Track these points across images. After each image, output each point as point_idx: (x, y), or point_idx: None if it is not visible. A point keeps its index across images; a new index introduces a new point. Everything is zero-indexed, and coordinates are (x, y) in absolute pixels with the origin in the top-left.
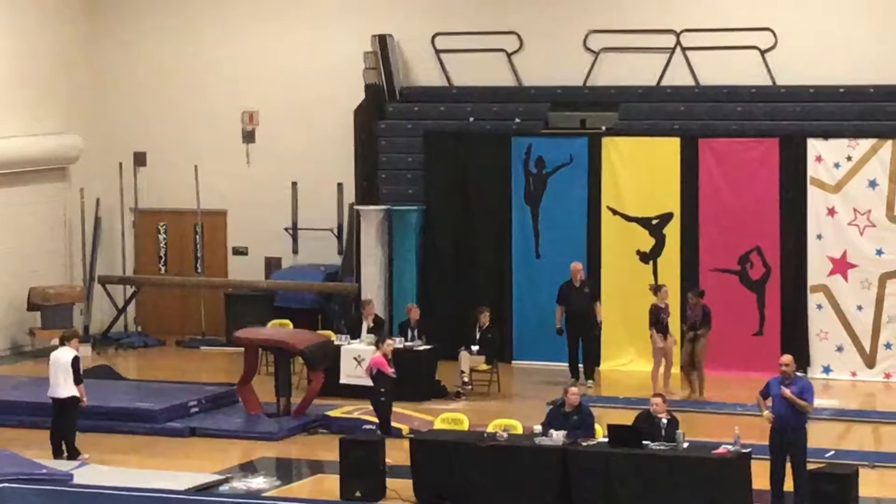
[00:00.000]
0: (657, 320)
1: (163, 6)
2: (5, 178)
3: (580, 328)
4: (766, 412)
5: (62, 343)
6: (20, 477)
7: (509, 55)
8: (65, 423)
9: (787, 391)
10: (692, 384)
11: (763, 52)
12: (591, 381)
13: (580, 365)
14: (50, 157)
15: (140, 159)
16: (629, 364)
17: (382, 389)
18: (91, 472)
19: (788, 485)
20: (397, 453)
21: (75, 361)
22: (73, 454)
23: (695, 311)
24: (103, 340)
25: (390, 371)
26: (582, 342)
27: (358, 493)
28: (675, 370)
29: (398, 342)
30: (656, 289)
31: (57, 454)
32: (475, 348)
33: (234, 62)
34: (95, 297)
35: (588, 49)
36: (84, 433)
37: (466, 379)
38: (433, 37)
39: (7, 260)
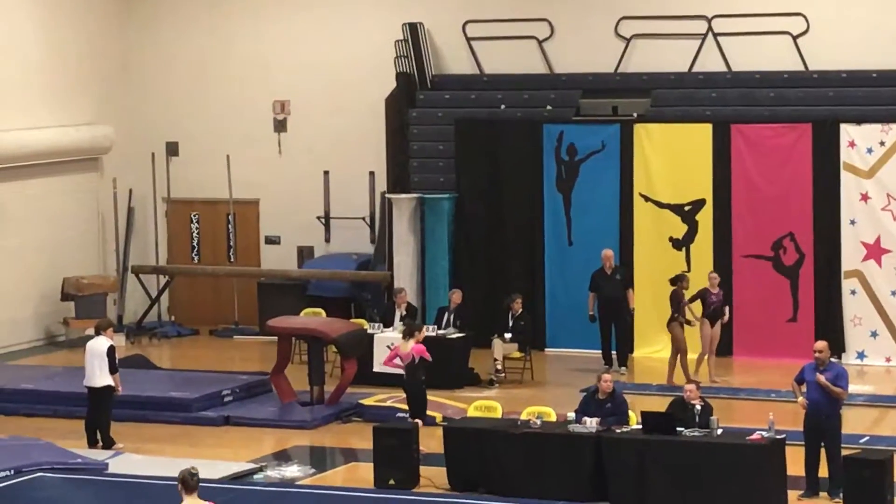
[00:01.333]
0: (705, 306)
1: None
2: (39, 169)
3: (613, 315)
4: (800, 398)
5: (97, 333)
6: (55, 466)
7: (540, 42)
8: (100, 413)
9: (821, 377)
10: (711, 369)
11: (795, 38)
12: (624, 368)
13: (613, 352)
14: (83, 147)
15: (172, 149)
16: (662, 351)
17: (423, 378)
18: (126, 461)
19: (823, 471)
20: (431, 441)
21: (111, 351)
22: (108, 443)
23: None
24: (137, 330)
25: (429, 358)
26: (615, 329)
27: (392, 481)
28: (692, 356)
29: (431, 330)
30: (709, 275)
31: (92, 443)
32: (508, 336)
33: (266, 52)
34: (129, 287)
35: (619, 36)
36: (119, 422)
37: (500, 367)
38: (464, 24)
39: (41, 250)
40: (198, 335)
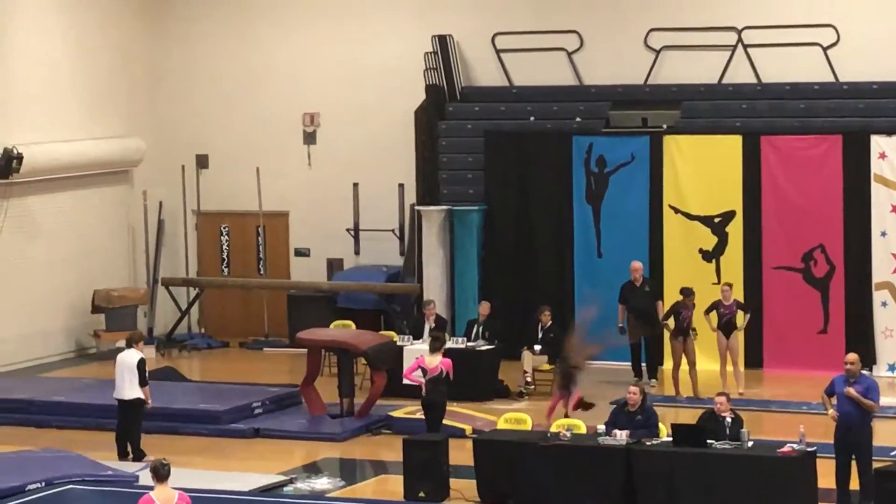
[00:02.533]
0: (719, 318)
1: (224, 9)
2: (69, 182)
3: (642, 327)
4: (830, 411)
5: (128, 345)
6: (86, 478)
7: (570, 54)
8: (130, 425)
9: (851, 390)
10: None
11: (825, 49)
12: (654, 380)
13: (643, 364)
14: (113, 160)
15: (202, 162)
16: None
17: (444, 389)
18: None
19: (854, 484)
20: (460, 453)
21: (141, 363)
22: (139, 455)
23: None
24: (167, 342)
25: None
26: (644, 341)
27: (422, 494)
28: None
29: (460, 342)
30: (728, 286)
31: (122, 455)
32: (537, 348)
33: (295, 64)
34: (159, 300)
35: (649, 47)
36: (149, 434)
37: (529, 379)
38: (493, 36)
39: (71, 263)
40: (228, 347)
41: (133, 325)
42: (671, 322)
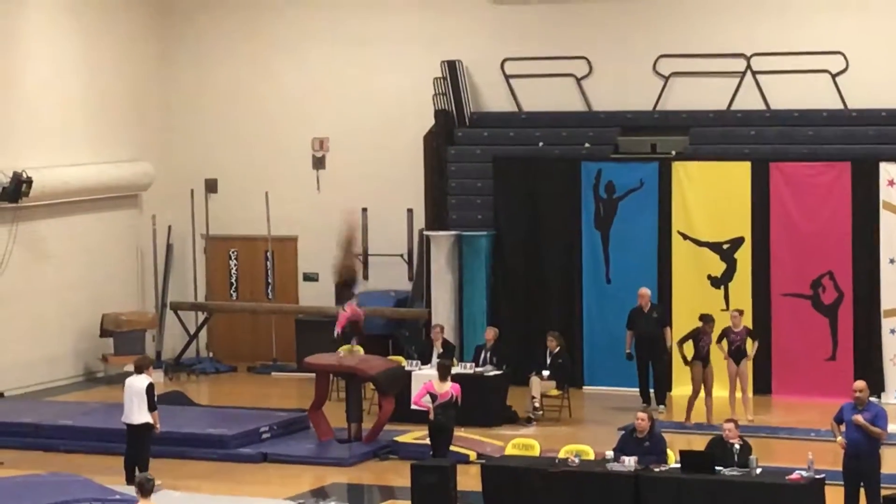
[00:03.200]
0: (729, 345)
1: (233, 34)
2: (79, 206)
3: (650, 353)
4: (839, 438)
5: (137, 370)
6: (94, 502)
7: (579, 80)
8: (138, 450)
9: (859, 418)
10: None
11: (834, 76)
12: (662, 407)
13: (651, 390)
14: (122, 184)
15: (211, 186)
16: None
17: (452, 413)
18: (164, 498)
19: None
20: (468, 479)
21: (150, 388)
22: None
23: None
24: (175, 366)
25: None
26: (652, 367)
27: None
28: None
29: (469, 367)
30: (738, 312)
31: (130, 480)
32: (546, 373)
33: (305, 89)
34: (167, 324)
35: (658, 73)
36: (156, 459)
37: (537, 404)
38: (502, 62)
39: (80, 286)
40: (236, 372)
41: (141, 349)
42: (690, 348)
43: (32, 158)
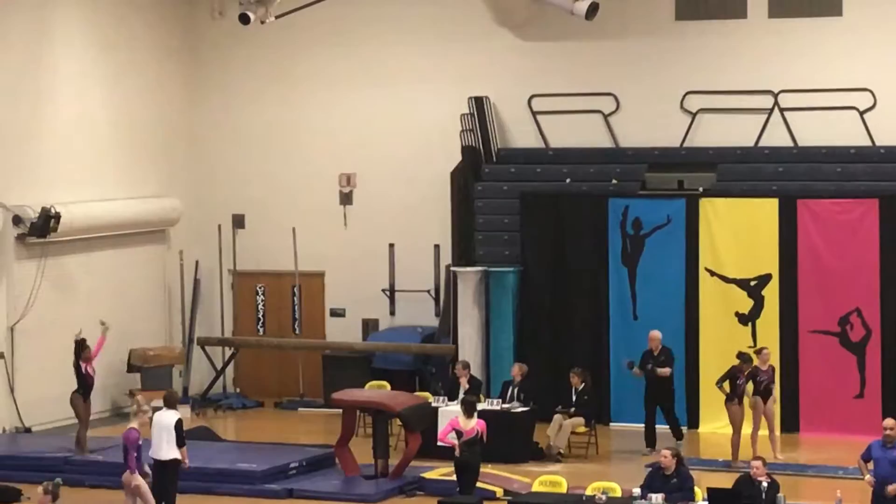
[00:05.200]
0: (755, 383)
1: (261, 70)
2: (107, 241)
3: (658, 396)
4: (868, 476)
5: (166, 405)
6: None
7: (606, 116)
8: (166, 485)
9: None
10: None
11: (862, 113)
12: (680, 443)
13: (668, 429)
14: (150, 219)
15: (238, 221)
16: (728, 426)
17: (478, 450)
18: None
19: None
20: None
21: (179, 424)
22: None
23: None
24: (202, 402)
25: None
26: (662, 410)
27: None
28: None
29: (495, 404)
30: (757, 352)
31: None
32: (572, 409)
33: (332, 125)
34: (194, 359)
35: (685, 110)
36: (184, 494)
37: (551, 443)
38: (530, 98)
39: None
40: (262, 407)
41: (169, 384)
42: (727, 386)
43: (61, 194)
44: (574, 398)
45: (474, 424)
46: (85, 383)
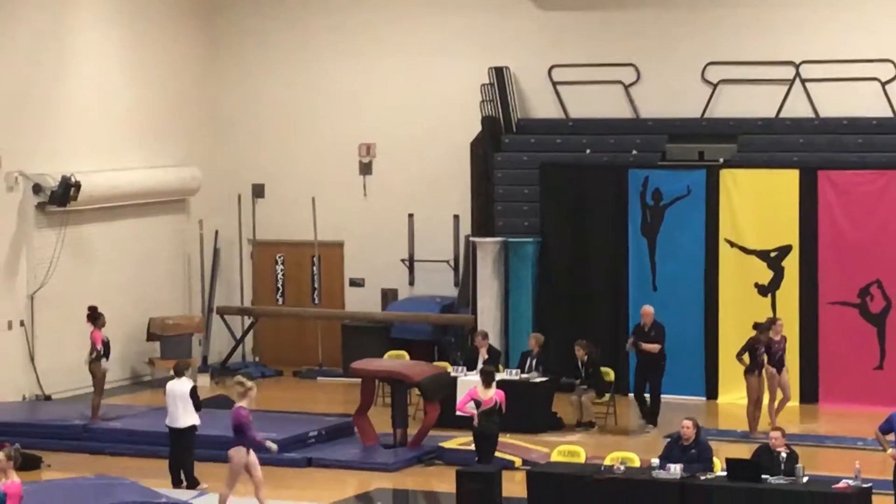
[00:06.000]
0: (769, 354)
1: (281, 40)
2: (127, 210)
3: (647, 372)
4: (890, 450)
5: (177, 374)
6: None
7: (626, 87)
8: (183, 453)
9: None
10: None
11: (884, 84)
12: (651, 427)
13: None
14: (170, 189)
15: (258, 191)
16: (745, 398)
17: (497, 420)
18: (210, 502)
19: None
20: (513, 486)
21: (194, 391)
22: (193, 483)
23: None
24: (221, 371)
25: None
26: (649, 386)
27: None
28: (794, 403)
29: (514, 374)
30: (771, 322)
31: (176, 483)
32: (583, 387)
33: (352, 95)
34: (214, 328)
35: (706, 81)
36: (203, 462)
37: (581, 419)
38: (550, 69)
39: (127, 290)
40: (282, 376)
41: (188, 353)
42: (746, 358)
43: (81, 163)
44: (582, 371)
45: (493, 394)
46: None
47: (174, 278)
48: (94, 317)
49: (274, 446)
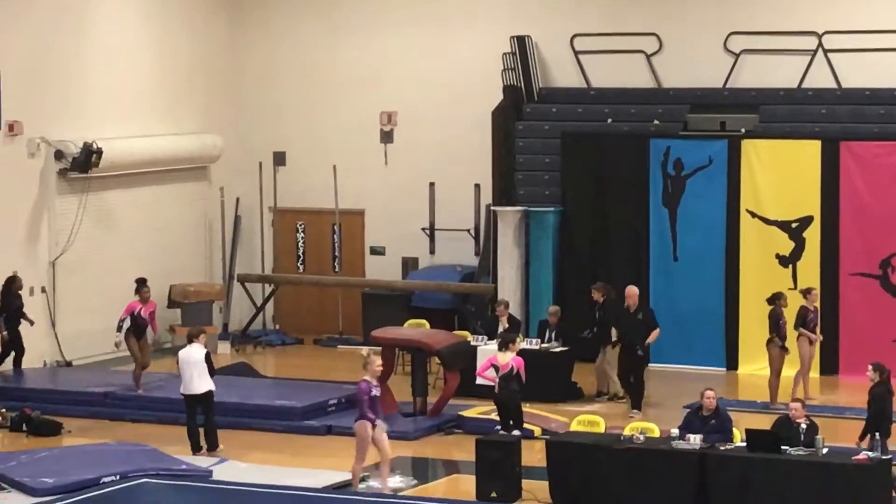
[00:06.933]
0: (804, 323)
1: (304, 8)
2: (148, 177)
3: (626, 355)
4: None
5: (190, 341)
6: (160, 472)
7: (648, 56)
8: (207, 416)
9: None
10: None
11: None
12: (637, 411)
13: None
14: (191, 156)
15: (279, 159)
16: (767, 368)
17: (517, 389)
18: (230, 469)
19: None
20: (533, 455)
21: (208, 357)
22: (214, 445)
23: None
24: (242, 338)
25: (524, 375)
26: (629, 368)
27: (494, 494)
28: (814, 374)
29: (534, 343)
30: (805, 291)
31: (196, 450)
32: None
33: (374, 63)
34: (234, 295)
35: (728, 51)
36: (222, 430)
37: (609, 391)
38: (572, 38)
39: (148, 257)
40: (302, 344)
41: (208, 320)
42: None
43: (102, 129)
44: (597, 314)
45: (509, 360)
46: (136, 324)
47: (195, 245)
48: (137, 288)
49: (384, 426)
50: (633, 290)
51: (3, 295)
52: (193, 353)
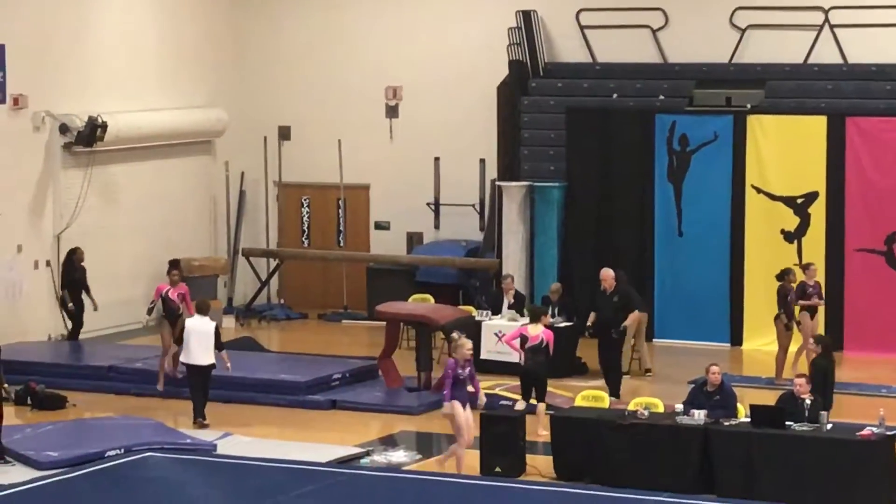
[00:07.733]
0: (803, 297)
1: None
2: (153, 151)
3: (602, 338)
4: None
5: (200, 312)
6: (165, 446)
7: (654, 31)
8: (206, 388)
9: None
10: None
11: None
12: (615, 399)
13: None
14: (196, 130)
15: (284, 133)
16: (772, 344)
17: (542, 360)
18: (234, 443)
19: None
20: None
21: (217, 330)
22: (200, 416)
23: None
24: (246, 312)
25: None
26: (604, 353)
27: (498, 469)
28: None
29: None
30: (804, 266)
31: (202, 418)
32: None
33: (379, 38)
34: (239, 270)
35: (734, 26)
36: (226, 404)
37: (649, 366)
38: (578, 12)
39: (153, 231)
40: (306, 319)
41: (213, 294)
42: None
43: (107, 103)
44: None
45: (540, 332)
46: (167, 307)
47: (200, 220)
48: (168, 269)
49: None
50: (607, 273)
51: (65, 267)
52: (201, 325)
